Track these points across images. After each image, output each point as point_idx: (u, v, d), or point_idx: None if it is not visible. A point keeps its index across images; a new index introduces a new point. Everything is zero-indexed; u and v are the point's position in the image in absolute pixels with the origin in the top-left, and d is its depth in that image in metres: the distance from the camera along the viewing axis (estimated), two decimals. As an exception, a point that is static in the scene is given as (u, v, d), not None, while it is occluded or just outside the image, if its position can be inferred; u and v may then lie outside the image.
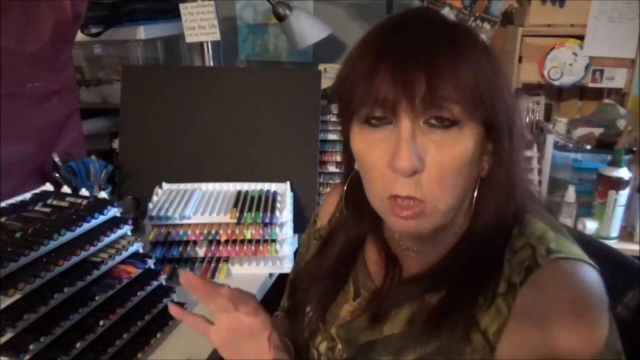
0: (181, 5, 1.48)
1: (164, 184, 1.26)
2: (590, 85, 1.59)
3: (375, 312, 0.60)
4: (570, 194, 1.35)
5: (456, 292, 0.54)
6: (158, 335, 0.84)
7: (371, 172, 0.52)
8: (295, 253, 1.13)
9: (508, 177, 0.54)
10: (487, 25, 1.73)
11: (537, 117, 1.56)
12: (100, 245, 0.82)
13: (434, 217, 0.52)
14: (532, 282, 0.50)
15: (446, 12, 1.73)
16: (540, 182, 1.40)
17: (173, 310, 0.62)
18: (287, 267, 1.10)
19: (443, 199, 0.51)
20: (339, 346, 0.63)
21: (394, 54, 0.48)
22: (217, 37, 1.50)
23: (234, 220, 1.08)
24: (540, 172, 1.39)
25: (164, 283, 0.91)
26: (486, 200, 0.54)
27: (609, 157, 1.31)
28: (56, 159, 1.27)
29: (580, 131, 1.55)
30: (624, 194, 1.29)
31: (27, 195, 0.91)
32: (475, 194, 0.55)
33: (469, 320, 0.52)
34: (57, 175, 1.23)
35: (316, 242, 0.75)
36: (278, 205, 1.13)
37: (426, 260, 0.59)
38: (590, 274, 0.50)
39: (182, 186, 1.26)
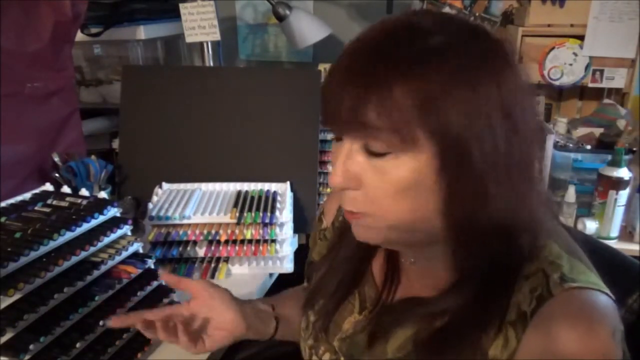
0: (181, 5, 1.48)
1: (164, 184, 1.26)
2: (590, 85, 1.59)
3: (372, 332, 0.59)
4: (570, 194, 1.35)
5: (462, 317, 0.51)
6: (158, 335, 0.84)
7: None
8: (296, 253, 1.14)
9: (473, 211, 0.48)
10: (487, 25, 1.72)
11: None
12: (100, 245, 0.81)
13: (381, 230, 0.51)
14: (544, 313, 0.47)
15: (446, 12, 1.73)
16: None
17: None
18: (287, 267, 1.10)
19: (383, 218, 0.50)
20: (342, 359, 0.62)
21: (341, 72, 0.47)
22: (217, 37, 1.50)
23: (234, 220, 1.08)
24: (540, 172, 1.39)
25: (164, 283, 0.91)
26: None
27: (609, 157, 1.31)
28: (56, 159, 1.26)
29: (580, 131, 1.55)
30: (624, 194, 1.29)
31: (27, 195, 0.91)
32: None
33: (476, 347, 0.50)
34: (57, 175, 1.23)
35: (322, 243, 0.74)
36: (278, 205, 1.13)
37: (426, 269, 0.57)
38: (605, 304, 0.48)
39: (182, 186, 1.26)
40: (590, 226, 1.33)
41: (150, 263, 0.89)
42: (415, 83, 0.44)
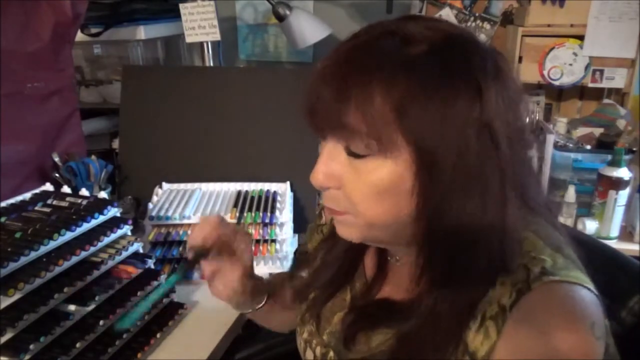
0: (181, 5, 1.48)
1: (164, 184, 1.26)
2: (590, 85, 1.59)
3: (346, 329, 0.59)
4: (570, 194, 1.35)
5: (443, 316, 0.50)
6: (158, 335, 0.84)
7: None
8: (295, 253, 1.14)
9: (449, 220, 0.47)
10: (487, 25, 1.73)
11: (537, 117, 1.56)
12: (100, 245, 0.81)
13: (360, 228, 0.52)
14: (523, 306, 0.47)
15: (446, 12, 1.73)
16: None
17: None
18: (287, 267, 1.10)
19: (362, 216, 0.51)
20: (331, 354, 0.62)
21: (326, 72, 0.48)
22: (217, 37, 1.50)
23: (234, 220, 1.08)
24: (540, 172, 1.39)
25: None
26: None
27: (609, 157, 1.31)
28: (56, 159, 1.26)
29: (580, 131, 1.55)
30: (624, 194, 1.29)
31: (27, 195, 0.91)
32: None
33: (455, 343, 0.49)
34: (57, 175, 1.23)
35: (318, 237, 0.75)
36: (278, 205, 1.13)
37: (411, 269, 0.56)
38: (585, 297, 0.47)
39: (182, 186, 1.26)
40: (590, 226, 1.33)
41: (150, 263, 0.89)
42: (394, 90, 0.45)
